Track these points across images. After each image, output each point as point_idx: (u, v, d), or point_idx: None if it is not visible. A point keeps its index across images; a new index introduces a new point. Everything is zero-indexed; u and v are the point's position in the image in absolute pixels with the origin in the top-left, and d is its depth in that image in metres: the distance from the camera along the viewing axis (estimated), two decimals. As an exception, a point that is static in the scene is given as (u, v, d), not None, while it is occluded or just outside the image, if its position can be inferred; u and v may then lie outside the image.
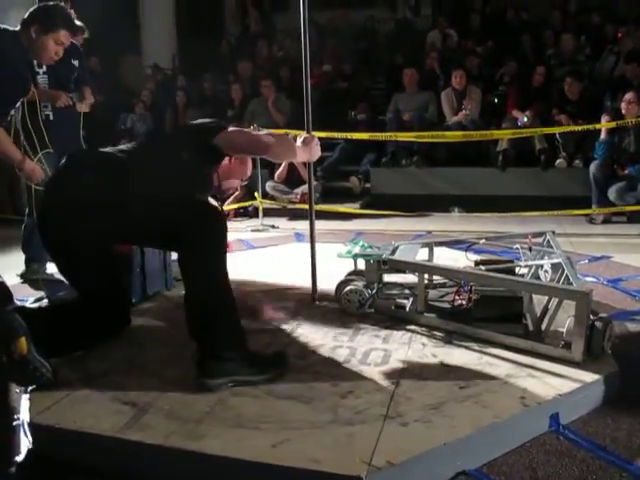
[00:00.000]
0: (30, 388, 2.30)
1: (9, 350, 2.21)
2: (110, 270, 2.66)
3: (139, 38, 11.43)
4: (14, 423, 2.22)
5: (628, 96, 5.80)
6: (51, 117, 4.02)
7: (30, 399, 2.23)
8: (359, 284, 3.00)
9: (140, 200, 2.38)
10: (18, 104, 3.38)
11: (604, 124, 5.87)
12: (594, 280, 3.76)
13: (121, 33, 9.29)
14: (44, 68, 3.98)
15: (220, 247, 2.35)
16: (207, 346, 2.27)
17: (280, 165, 6.92)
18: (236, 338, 2.31)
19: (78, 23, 4.87)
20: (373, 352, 2.56)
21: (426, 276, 2.99)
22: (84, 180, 2.45)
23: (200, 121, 2.82)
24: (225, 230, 2.37)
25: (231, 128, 2.73)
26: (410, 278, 3.09)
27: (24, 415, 2.17)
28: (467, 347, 2.58)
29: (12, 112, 3.33)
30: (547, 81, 7.22)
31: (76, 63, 4.24)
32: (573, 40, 7.97)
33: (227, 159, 2.78)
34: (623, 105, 5.82)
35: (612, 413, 2.21)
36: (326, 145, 7.34)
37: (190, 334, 2.33)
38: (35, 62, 3.70)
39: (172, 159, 2.56)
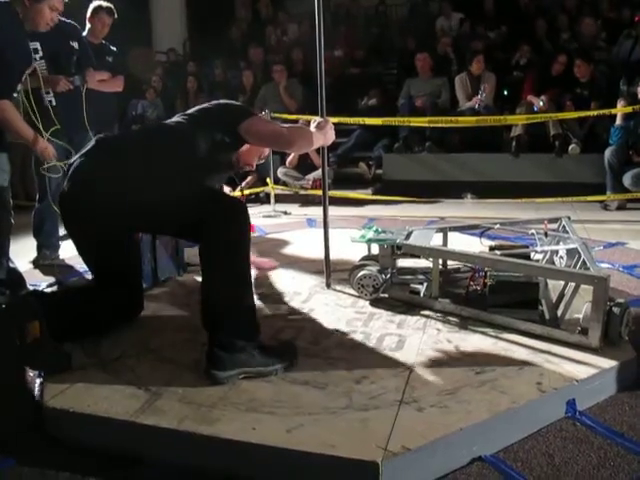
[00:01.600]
0: (44, 372, 2.31)
1: (23, 333, 2.21)
2: (128, 256, 2.66)
3: (150, 24, 11.41)
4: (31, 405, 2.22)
5: (645, 81, 5.72)
6: (53, 102, 3.94)
7: (44, 383, 2.23)
8: (373, 269, 2.98)
9: (163, 188, 2.35)
10: (24, 78, 3.36)
11: (620, 109, 5.79)
12: (609, 266, 3.72)
13: (132, 19, 9.25)
14: (40, 53, 3.90)
15: (242, 240, 2.26)
16: (218, 336, 2.20)
17: (292, 151, 6.90)
18: (249, 329, 2.25)
19: (106, 4, 4.83)
20: (387, 337, 2.54)
21: (440, 261, 2.96)
22: (110, 166, 2.41)
23: (225, 103, 2.73)
24: (248, 224, 2.31)
25: (258, 117, 2.65)
26: (424, 263, 3.06)
27: (40, 398, 2.18)
28: (482, 333, 2.56)
29: (19, 87, 3.32)
30: (570, 71, 7.13)
31: (75, 45, 4.16)
32: (593, 25, 7.83)
33: None
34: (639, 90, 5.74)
35: (629, 399, 2.19)
36: (339, 131, 7.32)
37: (203, 324, 2.28)
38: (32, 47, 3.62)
39: (193, 145, 2.52)
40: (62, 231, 4.12)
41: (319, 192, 3.16)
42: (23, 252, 4.15)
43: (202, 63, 9.68)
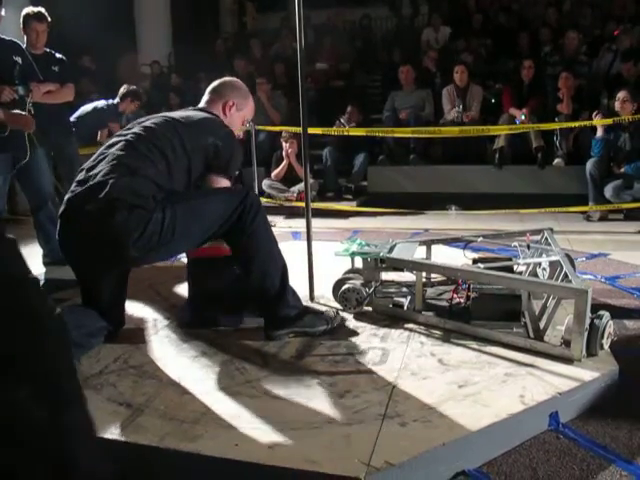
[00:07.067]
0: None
1: None
2: (118, 285, 2.67)
3: (134, 36, 11.40)
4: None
5: (621, 94, 5.77)
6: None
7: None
8: (356, 282, 2.98)
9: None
10: None
11: (600, 121, 5.86)
12: (591, 277, 3.75)
13: (116, 31, 9.25)
14: None
15: (266, 224, 2.72)
16: (273, 307, 2.63)
17: (277, 163, 6.92)
18: (295, 298, 2.71)
19: (34, 10, 4.71)
20: (371, 351, 2.54)
21: (424, 274, 2.96)
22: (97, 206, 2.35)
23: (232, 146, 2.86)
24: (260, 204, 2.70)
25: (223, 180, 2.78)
26: (408, 276, 3.07)
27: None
28: (466, 345, 2.56)
29: None
30: (540, 77, 7.20)
31: (19, 59, 4.02)
32: (577, 38, 7.93)
33: None
34: (617, 104, 5.79)
35: (612, 411, 2.19)
36: (321, 144, 7.35)
37: (259, 307, 2.72)
38: None
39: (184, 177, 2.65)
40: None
41: (304, 204, 3.17)
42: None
43: (186, 76, 9.68)
